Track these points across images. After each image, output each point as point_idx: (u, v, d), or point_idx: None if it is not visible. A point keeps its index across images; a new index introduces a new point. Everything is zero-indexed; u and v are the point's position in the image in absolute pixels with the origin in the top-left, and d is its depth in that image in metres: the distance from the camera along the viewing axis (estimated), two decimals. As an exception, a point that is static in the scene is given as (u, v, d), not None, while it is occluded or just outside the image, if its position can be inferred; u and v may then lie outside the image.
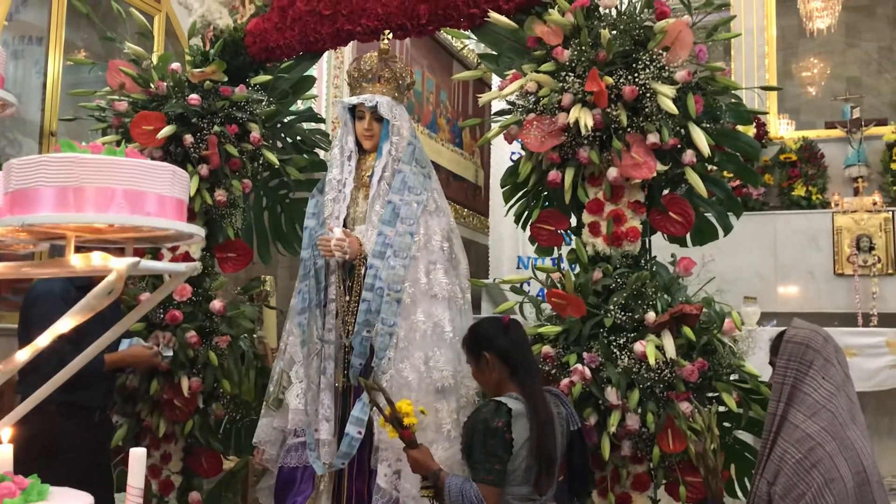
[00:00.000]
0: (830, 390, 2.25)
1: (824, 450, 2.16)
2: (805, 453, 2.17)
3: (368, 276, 2.98)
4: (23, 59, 4.40)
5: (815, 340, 2.32)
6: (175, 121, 3.29)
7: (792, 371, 2.30)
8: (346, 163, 3.20)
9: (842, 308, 5.90)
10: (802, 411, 2.24)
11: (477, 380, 2.60)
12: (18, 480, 1.40)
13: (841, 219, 6.01)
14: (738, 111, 2.99)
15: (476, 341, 2.53)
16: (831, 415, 2.22)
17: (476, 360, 2.52)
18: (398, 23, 3.23)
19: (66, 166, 1.25)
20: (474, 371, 2.55)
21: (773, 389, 2.35)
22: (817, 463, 2.15)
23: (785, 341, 2.36)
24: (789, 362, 2.31)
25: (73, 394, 2.84)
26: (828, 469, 2.13)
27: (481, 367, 2.50)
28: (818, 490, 2.12)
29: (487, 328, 2.55)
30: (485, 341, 2.50)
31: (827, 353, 2.31)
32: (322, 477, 2.98)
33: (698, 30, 2.86)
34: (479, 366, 2.51)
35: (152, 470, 3.35)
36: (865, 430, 2.31)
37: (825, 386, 2.26)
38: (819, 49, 7.94)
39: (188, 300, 3.30)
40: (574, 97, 2.75)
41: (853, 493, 2.14)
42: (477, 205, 7.17)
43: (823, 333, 2.37)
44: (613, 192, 2.84)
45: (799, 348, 2.32)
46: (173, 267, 1.40)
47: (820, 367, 2.28)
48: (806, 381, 2.27)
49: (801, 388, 2.27)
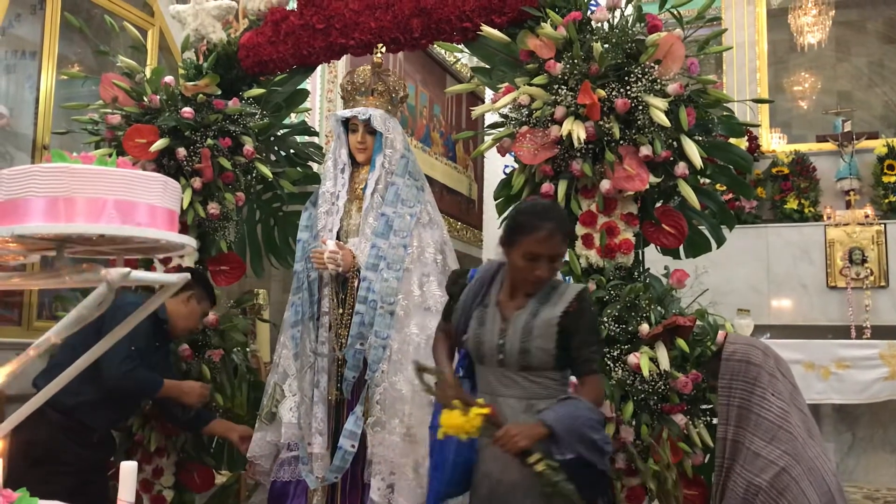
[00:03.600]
0: (783, 407, 2.17)
1: (790, 475, 2.08)
2: (770, 481, 2.09)
3: (362, 288, 2.97)
4: (15, 74, 4.40)
5: (754, 355, 2.24)
6: (168, 134, 3.29)
7: (737, 391, 2.21)
8: (340, 175, 3.20)
9: (835, 321, 5.91)
10: (760, 436, 2.15)
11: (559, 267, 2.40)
12: (7, 494, 1.38)
13: (833, 232, 6.04)
14: (731, 124, 3.01)
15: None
16: (790, 435, 2.13)
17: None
18: (391, 37, 3.24)
19: (57, 176, 1.24)
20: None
21: (720, 413, 2.26)
22: (784, 490, 2.07)
23: (724, 360, 2.27)
24: (732, 382, 2.23)
25: (88, 411, 2.84)
26: (795, 496, 2.06)
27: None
28: None
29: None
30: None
31: (769, 367, 2.22)
32: (315, 491, 2.96)
33: (690, 43, 2.88)
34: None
35: (144, 485, 3.32)
36: (822, 442, 2.23)
37: (776, 403, 2.17)
38: (810, 64, 8.00)
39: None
40: (567, 110, 2.76)
41: (807, 475, 2.08)
42: (470, 218, 7.17)
43: (761, 346, 2.30)
44: (606, 204, 2.85)
45: (740, 366, 2.23)
46: (164, 277, 1.39)
47: (767, 384, 2.19)
48: (754, 400, 2.19)
49: (751, 410, 2.18)
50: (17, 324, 4.11)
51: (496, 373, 2.26)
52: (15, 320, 4.12)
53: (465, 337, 2.33)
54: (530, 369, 2.22)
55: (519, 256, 2.22)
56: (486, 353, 2.27)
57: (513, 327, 2.24)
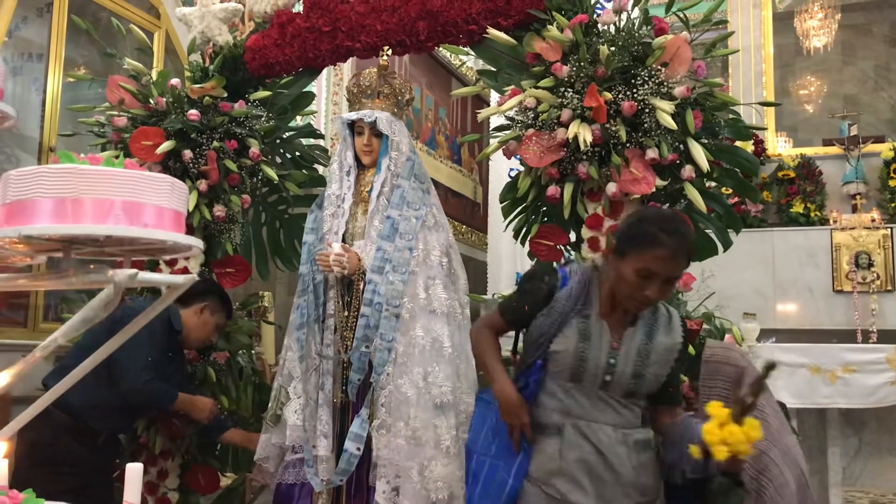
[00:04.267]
0: (759, 403, 2.26)
1: (769, 456, 2.19)
2: (751, 462, 2.13)
3: (367, 291, 2.97)
4: (22, 76, 4.41)
5: (732, 357, 2.37)
6: (174, 136, 3.29)
7: (717, 390, 2.33)
8: (345, 178, 3.19)
9: (841, 325, 5.90)
10: None
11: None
12: (13, 495, 1.38)
13: (839, 235, 6.02)
14: (737, 127, 3.00)
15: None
16: (766, 423, 2.21)
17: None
18: (397, 39, 3.24)
19: (65, 177, 1.24)
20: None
21: (700, 410, 2.29)
22: (764, 470, 2.17)
23: (704, 362, 2.39)
24: (713, 382, 2.35)
25: (95, 415, 2.85)
26: (774, 475, 2.16)
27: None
28: (771, 496, 2.15)
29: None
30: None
31: (749, 369, 2.36)
32: (320, 494, 2.95)
33: (696, 46, 2.87)
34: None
35: (149, 487, 3.32)
36: (790, 435, 2.37)
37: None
38: (816, 67, 7.99)
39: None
40: (573, 113, 2.75)
41: (796, 496, 2.18)
42: (475, 221, 7.17)
43: (739, 350, 2.46)
44: (612, 207, 2.84)
45: (719, 367, 2.36)
46: (171, 279, 1.39)
47: (744, 382, 2.31)
48: (733, 396, 2.30)
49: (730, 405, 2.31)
50: (23, 325, 4.12)
51: (593, 395, 2.05)
52: (21, 322, 4.12)
53: (557, 348, 2.08)
54: (633, 396, 2.06)
55: (631, 270, 1.98)
56: (587, 371, 2.05)
57: (625, 348, 2.05)
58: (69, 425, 2.84)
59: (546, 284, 2.13)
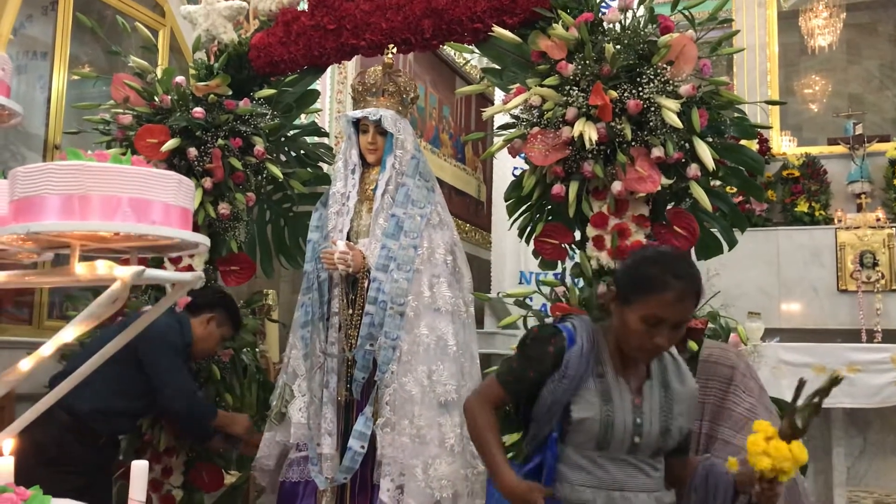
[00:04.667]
0: (752, 402, 2.33)
1: None
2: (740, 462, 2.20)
3: (372, 289, 2.97)
4: (26, 74, 4.41)
5: (728, 358, 2.41)
6: (179, 134, 3.29)
7: (713, 390, 2.36)
8: (350, 176, 3.20)
9: (845, 324, 5.89)
10: (730, 426, 2.30)
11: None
12: (20, 492, 1.38)
13: (844, 235, 6.01)
14: (743, 125, 2.99)
15: None
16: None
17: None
18: (402, 37, 3.24)
19: (72, 174, 1.24)
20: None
21: (696, 409, 2.36)
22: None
23: (701, 362, 2.42)
24: (709, 381, 2.37)
25: (101, 419, 2.87)
26: None
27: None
28: None
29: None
30: None
31: (742, 368, 2.39)
32: (324, 492, 2.95)
33: (702, 45, 2.87)
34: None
35: (153, 484, 3.32)
36: None
37: (747, 399, 2.34)
38: (821, 66, 7.97)
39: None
40: (578, 111, 2.75)
41: (785, 496, 2.18)
42: (479, 220, 7.16)
43: (734, 351, 2.48)
44: (618, 205, 2.83)
45: (716, 367, 2.40)
46: (178, 276, 1.39)
47: (739, 382, 2.36)
48: (728, 397, 2.35)
49: (724, 406, 2.34)
50: (28, 323, 4.12)
51: (622, 461, 1.89)
52: (26, 319, 4.13)
53: (580, 416, 1.88)
54: (658, 454, 1.93)
55: (637, 318, 1.83)
56: (615, 436, 1.88)
57: (647, 404, 1.91)
58: (72, 426, 2.85)
59: (553, 346, 1.92)
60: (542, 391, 1.92)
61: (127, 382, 2.91)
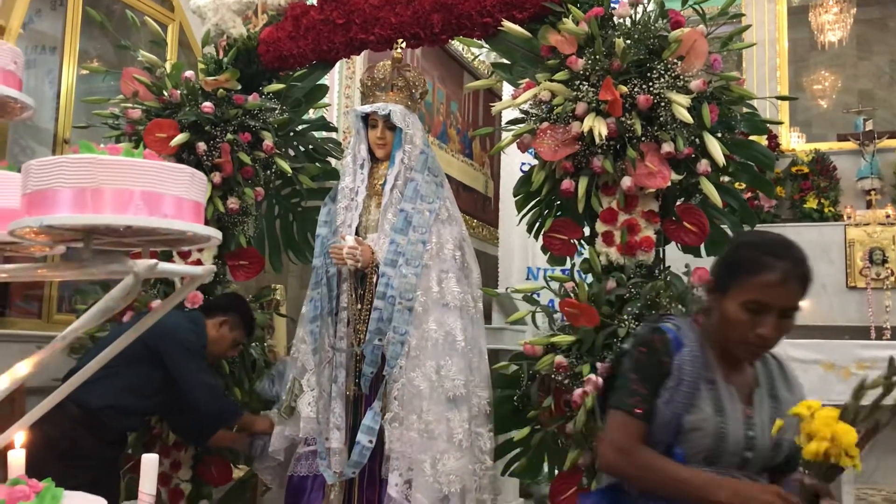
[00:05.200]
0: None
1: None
2: None
3: (380, 284, 2.97)
4: (35, 69, 4.42)
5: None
6: (188, 129, 3.30)
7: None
8: (359, 171, 3.19)
9: (854, 321, 5.85)
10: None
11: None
12: (33, 484, 1.39)
13: (853, 231, 5.98)
14: (753, 121, 2.98)
15: None
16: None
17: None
18: (411, 32, 3.23)
19: (85, 167, 1.24)
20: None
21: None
22: None
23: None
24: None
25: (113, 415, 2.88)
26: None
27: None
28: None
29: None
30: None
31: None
32: (332, 486, 2.96)
33: (713, 40, 2.85)
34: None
35: (162, 478, 3.33)
36: None
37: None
38: (831, 62, 7.93)
39: (199, 308, 3.30)
40: (588, 106, 2.74)
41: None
42: (486, 216, 7.15)
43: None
44: (627, 201, 2.83)
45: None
46: (191, 270, 1.39)
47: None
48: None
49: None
50: (37, 316, 4.14)
51: (729, 477, 1.69)
52: (35, 313, 4.15)
53: (693, 425, 1.71)
54: (765, 471, 1.77)
55: (737, 307, 1.68)
56: (728, 449, 1.70)
57: (758, 415, 1.75)
58: (83, 420, 2.86)
59: (666, 355, 1.74)
60: (656, 404, 1.73)
61: (139, 380, 2.92)
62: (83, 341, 3.27)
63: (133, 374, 2.88)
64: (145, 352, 2.85)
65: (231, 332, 3.17)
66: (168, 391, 2.97)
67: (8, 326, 3.90)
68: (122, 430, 3.04)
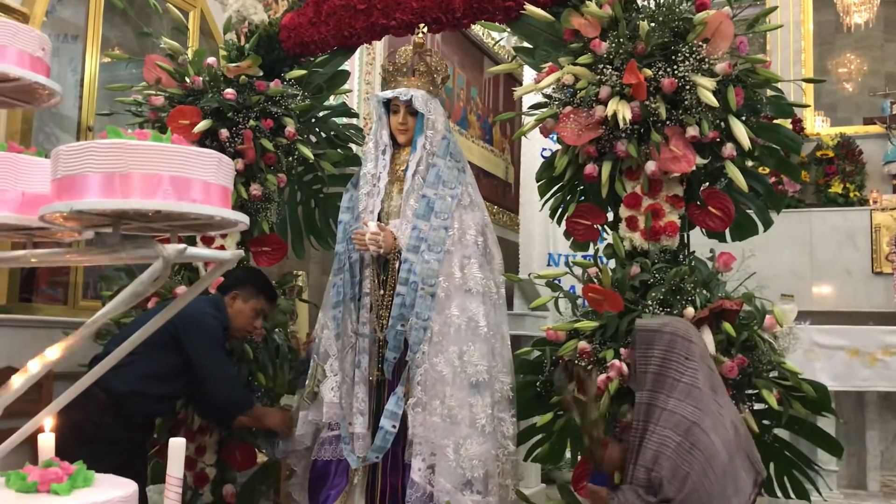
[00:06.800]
0: (694, 367, 2.28)
1: (700, 428, 2.19)
2: (683, 435, 2.19)
3: (402, 270, 2.97)
4: (58, 57, 4.45)
5: (666, 325, 2.35)
6: (211, 115, 3.31)
7: (654, 358, 2.31)
8: (381, 157, 3.19)
9: (880, 307, 5.80)
10: (674, 395, 2.26)
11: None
12: (65, 466, 1.40)
13: (879, 216, 5.91)
14: (780, 104, 2.94)
15: None
16: (699, 391, 2.25)
17: None
18: (433, 16, 3.22)
19: (114, 152, 1.24)
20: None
21: (638, 380, 2.36)
22: (696, 443, 2.17)
23: (637, 331, 2.39)
24: (648, 349, 2.33)
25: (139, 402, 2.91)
26: (706, 447, 2.17)
27: None
28: (701, 468, 2.15)
29: None
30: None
31: (682, 331, 2.34)
32: (356, 471, 2.97)
33: (738, 22, 2.82)
34: None
35: (187, 462, 3.36)
36: (724, 394, 2.35)
37: (690, 365, 2.28)
38: (856, 44, 7.81)
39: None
40: (612, 90, 2.72)
41: (728, 466, 2.19)
42: (507, 202, 7.14)
43: (669, 318, 2.46)
44: (652, 186, 2.80)
45: (654, 335, 2.34)
46: (219, 254, 1.40)
47: (681, 348, 2.30)
48: (671, 364, 2.29)
49: (667, 375, 2.29)
50: (63, 303, 4.18)
51: None
52: (61, 300, 4.19)
53: None
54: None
55: None
56: None
57: None
58: (109, 406, 2.88)
59: None
60: None
61: (161, 366, 2.94)
62: (109, 327, 3.30)
63: (156, 360, 2.90)
64: (167, 338, 2.87)
65: (246, 303, 3.16)
66: (189, 376, 2.99)
67: (34, 312, 3.94)
68: (148, 415, 3.07)
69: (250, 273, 3.29)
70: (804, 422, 2.83)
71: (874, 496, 4.89)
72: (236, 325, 3.17)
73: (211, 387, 2.97)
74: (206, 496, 3.40)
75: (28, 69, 1.59)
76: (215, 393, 2.99)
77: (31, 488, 1.36)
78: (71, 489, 1.36)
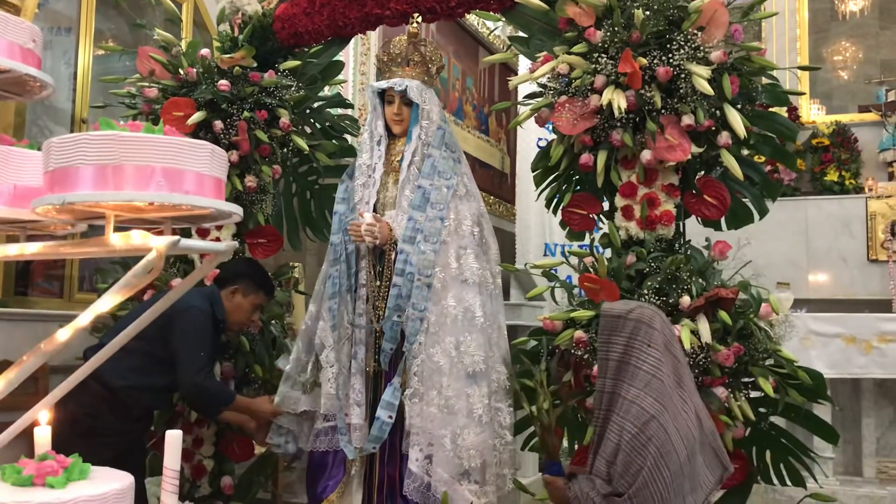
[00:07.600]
0: (658, 357, 2.20)
1: (658, 422, 2.12)
2: (640, 428, 2.13)
3: (399, 261, 2.97)
4: (51, 50, 4.42)
5: (631, 311, 2.27)
6: (205, 107, 3.30)
7: (616, 346, 2.24)
8: (376, 148, 3.18)
9: (875, 294, 5.82)
10: (636, 385, 2.18)
11: None
12: (60, 459, 1.40)
13: (875, 204, 5.92)
14: (775, 92, 2.94)
15: None
16: (661, 383, 2.17)
17: None
18: (427, 6, 3.20)
19: (106, 144, 1.24)
20: None
21: (600, 367, 2.29)
22: (652, 437, 2.11)
23: (602, 317, 2.31)
24: (611, 336, 2.26)
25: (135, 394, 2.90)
26: (662, 442, 2.10)
27: None
28: (654, 464, 2.09)
29: None
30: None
31: (647, 318, 2.25)
32: (353, 461, 2.98)
33: (733, 10, 2.81)
34: None
35: (185, 454, 3.36)
36: (691, 386, 2.27)
37: (652, 354, 2.20)
38: (852, 32, 7.80)
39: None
40: (607, 79, 2.71)
41: (686, 463, 2.13)
42: (503, 192, 7.12)
43: (636, 303, 2.37)
44: (647, 175, 2.80)
45: (618, 321, 2.26)
46: (213, 246, 1.39)
47: (643, 335, 2.22)
48: (632, 353, 2.21)
49: (629, 362, 2.21)
50: (58, 296, 4.18)
51: None
52: (56, 293, 4.18)
53: None
54: None
55: None
56: None
57: None
58: (105, 398, 2.88)
59: None
60: None
61: (157, 358, 2.94)
62: (104, 320, 3.29)
63: (150, 352, 2.89)
64: (161, 329, 2.86)
65: (245, 297, 3.16)
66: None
67: (30, 306, 3.93)
68: (145, 407, 3.07)
69: (251, 267, 3.28)
70: (800, 409, 2.84)
71: (870, 482, 4.91)
72: (234, 319, 3.16)
73: (181, 371, 2.94)
74: (203, 488, 3.40)
75: (19, 61, 1.58)
76: (184, 379, 2.95)
77: (26, 482, 1.36)
78: (66, 482, 1.36)
